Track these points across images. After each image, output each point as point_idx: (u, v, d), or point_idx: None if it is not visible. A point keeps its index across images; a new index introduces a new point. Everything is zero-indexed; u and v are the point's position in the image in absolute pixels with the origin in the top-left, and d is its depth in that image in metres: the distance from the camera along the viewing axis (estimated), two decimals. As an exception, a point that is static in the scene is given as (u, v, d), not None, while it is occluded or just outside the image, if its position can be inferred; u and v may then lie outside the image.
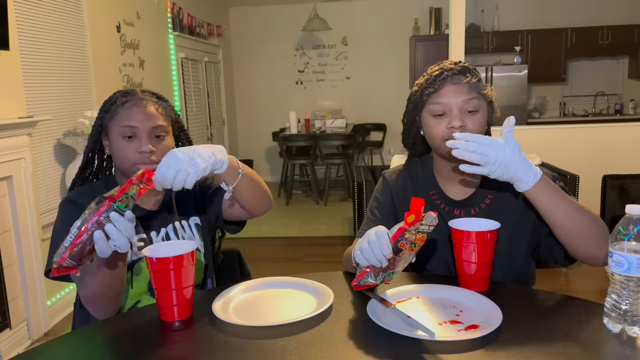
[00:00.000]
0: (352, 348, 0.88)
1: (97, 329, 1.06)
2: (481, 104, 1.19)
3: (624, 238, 0.87)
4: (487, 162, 1.01)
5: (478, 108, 1.18)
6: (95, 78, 3.61)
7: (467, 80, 1.17)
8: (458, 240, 1.09)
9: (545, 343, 0.87)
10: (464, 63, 1.22)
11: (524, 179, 1.03)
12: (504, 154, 1.01)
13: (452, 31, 4.10)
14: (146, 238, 1.27)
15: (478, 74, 1.21)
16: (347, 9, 6.92)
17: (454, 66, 1.20)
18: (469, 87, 1.17)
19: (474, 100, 1.17)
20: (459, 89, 1.17)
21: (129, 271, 1.23)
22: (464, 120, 1.16)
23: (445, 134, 1.17)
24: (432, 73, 1.21)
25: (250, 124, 7.38)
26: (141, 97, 1.26)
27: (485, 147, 1.01)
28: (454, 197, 1.28)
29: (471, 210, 1.26)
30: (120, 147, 1.22)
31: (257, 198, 1.27)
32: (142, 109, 1.24)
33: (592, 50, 6.24)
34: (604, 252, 1.05)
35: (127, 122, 1.22)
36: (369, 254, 0.99)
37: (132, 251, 1.24)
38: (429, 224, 0.97)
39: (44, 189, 3.04)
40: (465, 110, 1.17)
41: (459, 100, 1.17)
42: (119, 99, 1.25)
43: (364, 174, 3.79)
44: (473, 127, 1.17)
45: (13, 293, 2.59)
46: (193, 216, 1.35)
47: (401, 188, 1.34)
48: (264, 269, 3.44)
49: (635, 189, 2.91)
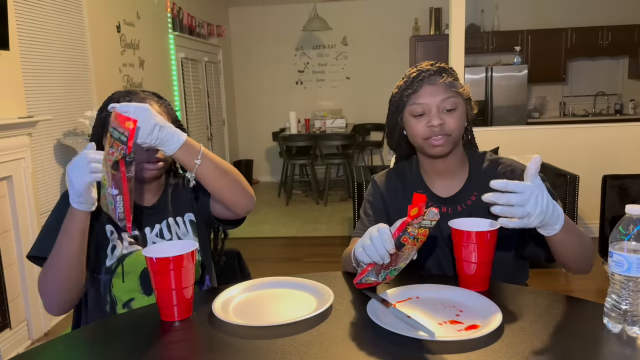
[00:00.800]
0: (352, 348, 0.88)
1: (97, 329, 1.06)
2: (458, 101, 1.24)
3: (624, 238, 0.87)
4: (528, 215, 0.95)
5: (455, 106, 1.23)
6: (95, 78, 3.61)
7: (442, 80, 1.22)
8: (458, 240, 1.09)
9: (545, 343, 0.87)
10: (440, 63, 1.27)
11: (555, 226, 1.01)
12: (542, 203, 0.95)
13: (452, 31, 4.10)
14: (138, 235, 1.28)
15: (454, 74, 1.26)
16: (347, 9, 6.92)
17: (430, 67, 1.25)
18: (445, 87, 1.22)
19: (451, 99, 1.22)
20: (435, 89, 1.22)
21: (120, 265, 1.24)
22: (442, 118, 1.21)
23: (426, 132, 1.23)
24: (410, 75, 1.26)
25: (250, 124, 7.38)
26: (143, 96, 1.27)
27: (522, 197, 0.94)
28: (441, 194, 1.31)
29: (457, 207, 1.28)
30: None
31: (230, 190, 1.19)
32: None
33: (592, 50, 6.24)
34: (591, 266, 1.16)
35: None
36: (371, 250, 0.99)
37: (123, 245, 1.25)
38: (431, 219, 0.98)
39: (44, 189, 3.04)
40: (444, 108, 1.22)
41: (436, 100, 1.22)
42: (121, 99, 1.25)
43: (364, 174, 3.79)
44: (452, 124, 1.22)
45: (13, 293, 2.59)
46: (188, 212, 1.36)
47: (391, 189, 1.37)
48: (264, 269, 3.45)
49: (635, 189, 2.91)
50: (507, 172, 1.28)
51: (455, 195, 1.30)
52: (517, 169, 1.28)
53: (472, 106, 1.31)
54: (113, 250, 1.25)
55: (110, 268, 1.24)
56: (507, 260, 1.28)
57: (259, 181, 7.42)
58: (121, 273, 1.24)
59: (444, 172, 1.31)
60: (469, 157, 1.33)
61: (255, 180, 7.32)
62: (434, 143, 1.23)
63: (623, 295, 0.88)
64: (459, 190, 1.30)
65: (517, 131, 4.38)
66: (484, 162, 1.32)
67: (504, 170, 1.29)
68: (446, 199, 1.30)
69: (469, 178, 1.30)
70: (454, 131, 1.22)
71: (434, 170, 1.32)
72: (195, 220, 1.36)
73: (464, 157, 1.33)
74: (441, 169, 1.31)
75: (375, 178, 1.42)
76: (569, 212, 3.44)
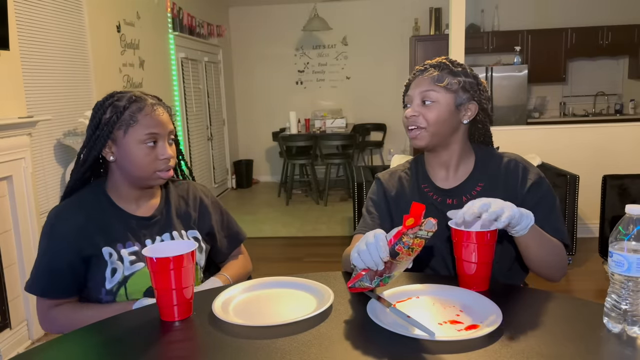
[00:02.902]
0: (352, 348, 0.88)
1: (97, 329, 1.06)
2: (439, 96, 1.25)
3: (624, 238, 0.87)
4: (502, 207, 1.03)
5: (434, 99, 1.25)
6: (95, 78, 3.61)
7: (428, 74, 1.26)
8: (458, 240, 1.09)
9: (545, 343, 0.87)
10: (443, 58, 1.30)
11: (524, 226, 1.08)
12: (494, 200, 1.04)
13: (452, 31, 4.10)
14: (138, 251, 1.25)
15: (452, 68, 1.27)
16: (347, 9, 6.92)
17: (434, 62, 1.29)
18: (431, 80, 1.25)
19: (431, 92, 1.25)
20: (420, 81, 1.27)
21: (122, 287, 1.22)
22: (417, 111, 1.26)
23: (405, 121, 1.29)
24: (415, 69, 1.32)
25: (250, 124, 7.38)
26: (151, 101, 1.25)
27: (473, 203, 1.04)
28: (445, 186, 1.32)
29: (462, 197, 1.29)
30: (142, 155, 1.21)
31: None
32: (160, 115, 1.24)
33: (592, 50, 6.24)
34: (562, 275, 1.24)
35: (151, 130, 1.21)
36: (366, 256, 0.99)
37: (124, 266, 1.23)
38: (428, 229, 0.96)
39: (44, 189, 3.04)
40: (423, 101, 1.25)
41: (417, 91, 1.27)
42: (132, 105, 1.21)
43: (364, 174, 3.79)
44: (429, 116, 1.25)
45: (13, 293, 2.59)
46: (191, 229, 1.36)
47: (394, 187, 1.38)
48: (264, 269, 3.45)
49: (635, 189, 2.91)
50: (511, 164, 1.30)
51: (460, 186, 1.31)
52: (520, 162, 1.31)
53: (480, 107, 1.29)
54: (114, 274, 1.22)
55: (112, 290, 1.22)
56: (506, 260, 1.28)
57: (259, 181, 7.42)
58: (124, 294, 1.23)
59: (444, 165, 1.32)
60: (475, 150, 1.34)
61: (255, 180, 7.32)
62: (410, 135, 1.28)
63: (623, 295, 0.88)
64: (464, 182, 1.31)
65: (517, 131, 4.38)
66: (490, 155, 1.34)
67: (507, 161, 1.31)
68: (450, 191, 1.31)
69: (474, 169, 1.31)
70: (430, 125, 1.24)
71: (434, 163, 1.34)
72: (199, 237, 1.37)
73: (469, 151, 1.33)
74: (440, 162, 1.33)
75: (380, 176, 1.42)
76: (569, 212, 3.44)
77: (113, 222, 1.25)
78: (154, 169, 1.22)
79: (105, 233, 1.24)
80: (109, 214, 1.26)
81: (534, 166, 1.32)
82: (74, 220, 1.22)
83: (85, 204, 1.26)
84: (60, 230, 1.22)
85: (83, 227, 1.22)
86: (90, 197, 1.27)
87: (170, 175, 1.26)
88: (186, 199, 1.38)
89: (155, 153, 1.22)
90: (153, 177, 1.24)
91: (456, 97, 1.26)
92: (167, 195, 1.36)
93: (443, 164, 1.33)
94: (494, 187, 1.28)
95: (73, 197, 1.28)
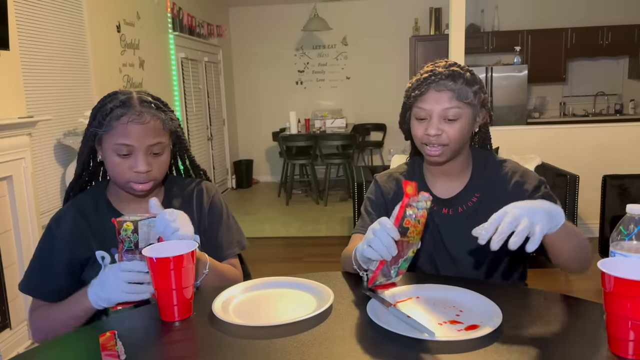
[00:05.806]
0: (352, 348, 0.88)
1: (97, 329, 1.06)
2: (462, 112, 1.20)
3: (625, 238, 0.87)
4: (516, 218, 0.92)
5: (458, 117, 1.20)
6: (95, 78, 3.61)
7: (446, 87, 1.18)
8: (626, 292, 0.74)
9: (545, 343, 0.87)
10: (456, 67, 1.22)
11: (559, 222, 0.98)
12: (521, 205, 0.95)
13: (452, 31, 4.10)
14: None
15: (467, 77, 1.20)
16: (347, 9, 6.92)
17: (444, 70, 1.20)
18: (452, 95, 1.19)
19: (455, 109, 1.19)
20: (440, 96, 1.19)
21: None
22: (441, 128, 1.19)
23: (424, 137, 1.22)
24: (422, 74, 1.23)
25: (250, 124, 7.38)
26: (139, 109, 1.16)
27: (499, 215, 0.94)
28: (442, 195, 1.31)
29: (459, 208, 1.28)
30: (115, 163, 1.17)
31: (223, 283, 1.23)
32: (140, 125, 1.15)
33: (592, 50, 6.24)
34: (590, 266, 1.13)
35: (122, 140, 1.14)
36: (376, 243, 0.96)
37: None
38: (425, 200, 0.99)
39: (44, 189, 3.04)
40: (446, 118, 1.20)
41: (439, 108, 1.19)
42: (114, 111, 1.15)
43: (364, 174, 3.79)
44: (452, 133, 1.20)
45: (13, 293, 2.59)
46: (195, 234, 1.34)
47: (391, 189, 1.37)
48: (264, 269, 3.45)
49: (635, 189, 2.91)
50: (509, 174, 1.28)
51: (456, 197, 1.29)
52: (519, 170, 1.28)
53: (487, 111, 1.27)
54: None
55: None
56: (505, 260, 1.27)
57: (259, 181, 7.42)
58: None
59: (445, 174, 1.31)
60: (473, 157, 1.32)
61: (255, 180, 7.32)
62: (428, 152, 1.23)
63: (623, 295, 0.87)
64: (460, 192, 1.29)
65: (517, 131, 4.38)
66: (487, 162, 1.31)
67: (505, 170, 1.29)
68: (447, 200, 1.30)
69: (470, 180, 1.29)
70: (452, 142, 1.20)
71: (435, 172, 1.32)
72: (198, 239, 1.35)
73: (469, 158, 1.32)
74: (442, 171, 1.31)
75: (377, 178, 1.42)
76: (569, 212, 3.44)
77: (108, 225, 1.24)
78: (127, 179, 1.18)
79: (100, 236, 1.23)
80: (105, 217, 1.24)
81: (532, 171, 1.31)
82: (70, 223, 1.23)
83: (83, 207, 1.26)
84: (56, 232, 1.23)
85: (79, 230, 1.23)
86: (89, 201, 1.27)
87: (146, 188, 1.20)
88: (190, 200, 1.35)
89: (129, 163, 1.17)
90: (127, 187, 1.20)
91: (474, 110, 1.23)
92: (170, 196, 1.33)
93: (444, 173, 1.30)
94: (490, 197, 1.25)
95: (72, 200, 1.29)
